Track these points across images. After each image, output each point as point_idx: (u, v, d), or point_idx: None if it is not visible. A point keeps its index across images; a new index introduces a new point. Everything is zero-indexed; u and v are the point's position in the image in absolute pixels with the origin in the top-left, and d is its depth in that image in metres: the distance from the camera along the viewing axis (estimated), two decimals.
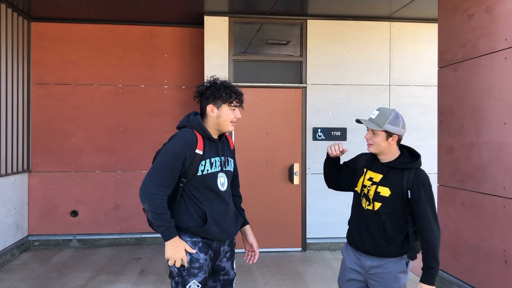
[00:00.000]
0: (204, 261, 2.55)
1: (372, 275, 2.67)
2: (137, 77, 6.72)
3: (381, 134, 2.61)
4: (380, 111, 2.66)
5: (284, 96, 6.40)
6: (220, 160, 2.63)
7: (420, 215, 2.56)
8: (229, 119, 2.61)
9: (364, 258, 2.70)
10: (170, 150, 2.50)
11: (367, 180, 2.69)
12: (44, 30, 6.55)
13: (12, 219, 5.98)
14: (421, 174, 2.62)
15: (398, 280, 2.65)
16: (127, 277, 5.24)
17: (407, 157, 2.69)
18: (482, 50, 4.17)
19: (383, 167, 2.67)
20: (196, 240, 2.54)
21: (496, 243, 3.97)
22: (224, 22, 6.26)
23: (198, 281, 2.53)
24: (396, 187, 2.59)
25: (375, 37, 6.50)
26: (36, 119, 6.55)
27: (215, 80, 2.64)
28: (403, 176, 2.60)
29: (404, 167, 2.62)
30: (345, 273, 2.80)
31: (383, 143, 2.63)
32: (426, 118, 6.54)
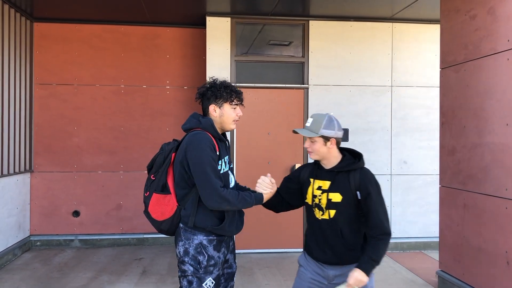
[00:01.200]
0: (218, 258, 2.63)
1: (336, 284, 2.62)
2: (139, 77, 6.73)
3: (318, 140, 2.62)
4: (313, 118, 2.66)
5: (286, 97, 6.40)
6: (227, 160, 2.73)
7: (371, 213, 2.53)
8: (231, 117, 2.70)
9: (326, 268, 2.66)
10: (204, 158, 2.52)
11: (316, 189, 2.67)
12: (47, 30, 6.56)
13: (14, 219, 5.99)
14: (367, 173, 2.61)
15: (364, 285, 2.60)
16: (128, 277, 5.24)
17: (350, 158, 2.68)
18: (485, 51, 4.16)
19: (329, 173, 2.65)
20: (211, 238, 2.60)
21: (498, 244, 3.96)
22: (226, 23, 6.26)
23: (213, 278, 2.60)
24: (346, 191, 2.58)
25: (377, 38, 6.50)
26: (38, 119, 6.56)
27: (214, 81, 2.71)
28: (350, 178, 2.59)
29: (349, 169, 2.61)
30: (304, 284, 2.72)
31: (322, 149, 2.62)
32: (428, 119, 6.53)
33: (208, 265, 2.58)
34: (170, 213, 2.64)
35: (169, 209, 2.64)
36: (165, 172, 2.66)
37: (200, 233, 2.59)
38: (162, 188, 2.65)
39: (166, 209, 2.64)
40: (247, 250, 6.31)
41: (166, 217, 2.64)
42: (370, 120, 6.44)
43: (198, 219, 2.58)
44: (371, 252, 2.49)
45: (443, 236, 4.87)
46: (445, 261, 4.85)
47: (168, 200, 2.64)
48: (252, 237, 6.31)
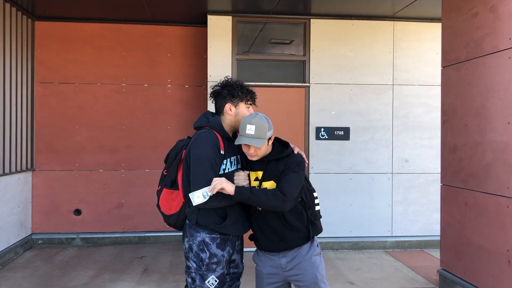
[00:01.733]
0: (222, 256, 2.63)
1: (290, 270, 2.70)
2: (141, 76, 6.73)
3: (264, 145, 2.59)
4: (255, 124, 2.55)
5: (287, 96, 6.40)
6: (237, 159, 2.72)
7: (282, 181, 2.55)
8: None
9: (277, 257, 2.72)
10: (203, 155, 2.53)
11: (253, 181, 2.69)
12: (48, 29, 6.57)
13: (16, 218, 6.00)
14: (293, 157, 2.66)
15: (314, 264, 2.70)
16: (130, 275, 5.25)
17: (279, 147, 2.74)
18: (486, 49, 4.16)
19: (260, 163, 2.67)
20: (214, 236, 2.62)
21: (499, 243, 3.96)
22: (227, 21, 6.26)
23: (216, 276, 2.62)
24: (277, 177, 2.61)
25: (378, 37, 6.49)
26: (40, 118, 6.57)
27: (229, 80, 2.73)
28: (278, 166, 2.64)
29: (278, 157, 2.65)
30: (262, 281, 2.77)
31: (265, 148, 2.63)
32: (429, 117, 6.53)
33: (211, 262, 2.60)
34: (176, 208, 2.70)
35: (175, 204, 2.70)
36: (176, 168, 2.70)
37: (203, 231, 2.62)
38: (172, 183, 2.71)
39: (173, 204, 2.71)
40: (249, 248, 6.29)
41: (173, 212, 2.71)
42: (372, 119, 6.44)
43: (201, 216, 2.61)
44: (257, 188, 2.56)
45: (444, 234, 4.87)
46: (446, 260, 4.85)
47: (176, 195, 2.70)
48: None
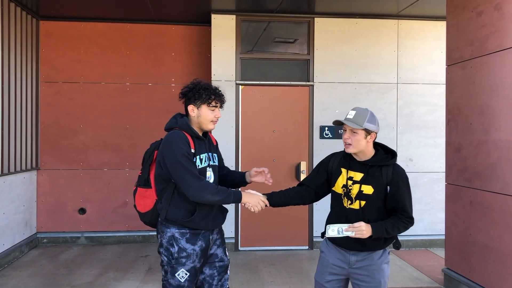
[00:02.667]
0: (192, 251, 2.73)
1: (357, 268, 2.73)
2: (145, 75, 6.74)
3: (360, 132, 2.64)
4: (356, 111, 2.68)
5: (291, 94, 6.39)
6: (208, 156, 2.84)
7: (399, 203, 2.65)
8: (209, 118, 2.81)
9: (348, 254, 2.75)
10: (177, 153, 2.66)
11: (347, 179, 2.74)
12: (53, 28, 6.59)
13: (20, 216, 6.03)
14: (399, 169, 2.71)
15: (382, 271, 2.73)
16: (134, 274, 5.27)
17: (383, 154, 2.75)
18: (491, 48, 4.14)
19: (362, 165, 2.71)
20: (184, 231, 2.74)
21: (505, 241, 3.94)
22: (231, 20, 6.26)
23: (186, 269, 2.73)
24: (378, 184, 2.65)
25: (382, 35, 6.47)
26: (44, 117, 6.59)
27: (198, 82, 2.86)
28: (382, 173, 2.67)
29: (383, 164, 2.68)
30: (325, 270, 2.81)
31: (362, 142, 2.66)
32: (433, 116, 6.51)
33: (180, 256, 2.71)
34: (150, 206, 2.85)
35: (149, 202, 2.85)
36: (148, 168, 2.87)
37: (172, 226, 2.74)
38: (145, 183, 2.87)
39: (147, 202, 2.86)
40: (253, 247, 6.32)
41: (147, 209, 2.87)
42: None
43: (170, 212, 2.73)
44: (389, 224, 2.62)
45: (449, 233, 4.86)
46: (451, 259, 4.83)
47: (149, 193, 2.85)
48: (258, 235, 6.32)
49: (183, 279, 2.72)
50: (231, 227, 6.25)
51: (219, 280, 2.89)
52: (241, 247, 6.31)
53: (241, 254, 6.15)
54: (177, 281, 2.72)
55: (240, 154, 6.29)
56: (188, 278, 2.73)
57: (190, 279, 2.74)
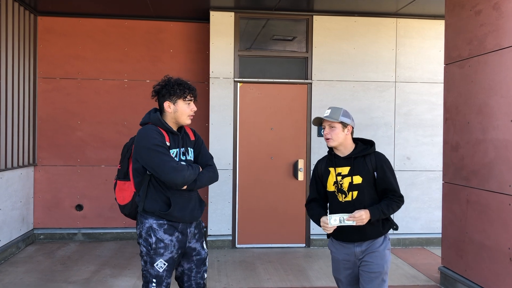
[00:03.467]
0: (170, 241, 2.81)
1: (363, 258, 2.93)
2: (143, 72, 6.73)
3: (338, 126, 2.91)
4: (331, 109, 2.96)
5: (289, 92, 6.39)
6: (179, 151, 2.88)
7: (387, 184, 2.92)
8: (186, 113, 2.89)
9: (352, 246, 2.95)
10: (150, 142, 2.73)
11: (336, 176, 2.96)
12: (51, 24, 6.56)
13: (17, 212, 6.02)
14: (381, 155, 2.99)
15: (385, 257, 2.93)
16: (131, 271, 5.27)
17: (362, 145, 3.01)
18: (490, 47, 4.14)
19: (346, 160, 2.96)
20: (161, 222, 2.81)
21: (501, 240, 3.96)
22: (230, 17, 6.25)
23: (165, 260, 2.81)
24: (365, 173, 2.91)
25: (381, 34, 6.48)
26: (42, 113, 6.58)
27: (169, 79, 2.93)
28: (366, 162, 2.94)
29: (365, 153, 2.95)
30: (339, 266, 3.03)
31: (341, 134, 2.92)
32: (431, 115, 6.52)
33: (158, 247, 2.79)
34: (129, 198, 2.94)
35: (128, 195, 2.94)
36: (127, 161, 2.97)
37: (150, 217, 2.82)
38: (124, 176, 2.97)
39: (126, 194, 2.95)
40: (250, 245, 6.33)
41: (126, 201, 2.96)
42: (373, 116, 6.43)
43: (147, 204, 2.81)
44: (384, 205, 2.86)
45: (446, 232, 4.87)
46: (448, 257, 4.85)
47: (128, 186, 2.94)
48: (255, 232, 6.33)
49: (161, 269, 2.81)
50: (228, 224, 6.26)
51: (198, 272, 2.99)
52: (238, 245, 6.32)
53: (238, 251, 6.16)
54: (155, 271, 2.81)
55: (238, 152, 6.29)
56: (166, 268, 2.82)
57: (168, 269, 2.83)
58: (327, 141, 2.97)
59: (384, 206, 2.85)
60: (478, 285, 4.27)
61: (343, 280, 3.02)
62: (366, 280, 2.90)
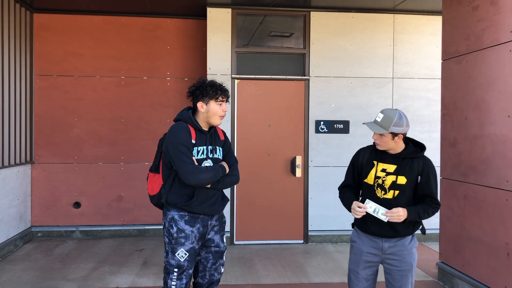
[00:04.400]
0: (190, 232, 2.96)
1: (390, 254, 2.94)
2: (140, 69, 6.71)
3: (387, 135, 2.86)
4: (384, 114, 2.86)
5: (287, 89, 6.38)
6: (207, 149, 3.03)
7: (428, 190, 2.91)
8: (218, 113, 3.03)
9: (381, 241, 2.95)
10: (177, 141, 2.90)
11: (380, 171, 2.94)
12: (47, 21, 6.53)
13: (15, 210, 6.01)
14: (429, 161, 2.97)
15: (413, 255, 2.96)
16: (129, 268, 5.26)
17: (413, 147, 2.98)
18: (487, 42, 4.14)
19: (394, 158, 2.94)
20: (183, 214, 2.98)
21: (498, 236, 3.97)
22: (227, 14, 6.23)
23: (186, 249, 2.95)
24: (410, 175, 2.89)
25: (378, 30, 6.47)
26: (38, 110, 6.55)
27: (203, 81, 3.08)
28: (413, 164, 2.91)
29: (414, 156, 2.93)
30: (360, 258, 3.00)
31: (390, 142, 2.89)
32: (429, 111, 6.52)
33: (179, 237, 2.95)
34: (157, 189, 3.10)
35: (156, 186, 3.11)
36: (159, 155, 3.11)
37: (173, 209, 3.00)
38: (155, 168, 3.12)
39: (155, 186, 3.11)
40: (248, 241, 6.33)
41: (155, 192, 3.12)
42: (371, 112, 6.43)
43: (170, 196, 3.00)
44: (421, 209, 2.86)
45: (444, 227, 4.88)
46: (445, 253, 4.86)
47: (157, 178, 3.11)
48: (253, 229, 6.33)
49: (182, 259, 2.94)
50: (227, 221, 6.26)
51: (214, 263, 3.12)
52: (237, 241, 6.32)
53: (237, 247, 6.16)
54: (177, 261, 2.94)
55: (236, 149, 6.28)
56: (188, 258, 2.95)
57: (189, 259, 2.96)
58: (376, 145, 2.95)
59: (421, 210, 2.85)
60: (475, 280, 4.29)
61: (361, 272, 2.99)
62: (396, 278, 2.93)
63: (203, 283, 3.12)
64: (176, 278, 2.93)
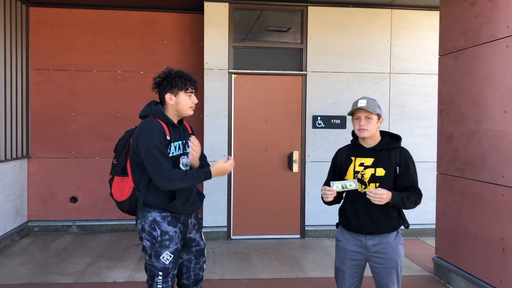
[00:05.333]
0: (174, 233, 2.81)
1: (374, 252, 2.90)
2: (137, 63, 6.68)
3: (374, 118, 2.89)
4: (367, 99, 2.92)
5: (284, 84, 6.38)
6: (182, 144, 2.88)
7: (409, 181, 2.90)
8: (187, 104, 2.87)
9: (364, 239, 2.91)
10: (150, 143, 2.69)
11: (358, 166, 2.93)
12: (43, 15, 6.49)
13: (11, 205, 5.99)
14: (406, 151, 2.97)
15: (398, 252, 2.92)
16: (126, 262, 5.27)
17: (389, 139, 2.99)
18: (484, 38, 4.14)
19: (371, 151, 2.93)
20: (165, 214, 2.80)
21: (494, 231, 3.98)
22: (224, 8, 6.21)
23: (171, 252, 2.80)
24: (388, 166, 2.88)
25: (376, 25, 6.46)
26: (35, 105, 6.53)
27: (170, 71, 2.90)
28: (391, 156, 2.91)
29: (391, 147, 2.93)
30: (345, 257, 2.96)
31: (375, 126, 2.91)
32: (426, 106, 6.53)
33: (163, 239, 2.79)
34: (127, 194, 2.88)
35: (126, 190, 2.89)
36: (125, 156, 2.91)
37: (153, 210, 2.80)
38: (122, 171, 2.91)
39: (124, 190, 2.89)
40: (245, 236, 6.34)
41: (124, 197, 2.89)
42: None
43: (148, 198, 2.79)
44: (404, 195, 2.83)
45: (440, 222, 4.90)
46: (441, 248, 4.88)
47: (126, 181, 2.89)
48: (250, 223, 6.34)
49: (168, 261, 2.80)
50: (223, 216, 6.26)
51: (197, 263, 3.03)
52: (233, 236, 6.33)
53: (233, 242, 6.17)
54: (162, 264, 2.79)
55: (233, 144, 6.28)
56: (172, 260, 2.81)
57: (174, 260, 2.82)
58: (361, 132, 2.91)
59: (405, 196, 2.82)
60: (471, 275, 4.31)
61: (346, 271, 2.95)
62: (381, 275, 2.90)
63: (188, 284, 3.02)
64: (161, 281, 2.80)
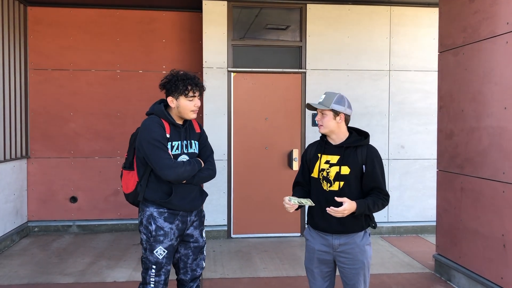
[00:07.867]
0: (169, 229, 2.87)
1: (341, 252, 2.83)
2: (136, 62, 6.67)
3: (329, 113, 2.84)
4: (326, 94, 2.90)
5: (284, 82, 6.36)
6: (182, 144, 2.91)
7: (375, 181, 2.80)
8: (188, 108, 2.89)
9: (331, 238, 2.84)
10: (150, 136, 2.78)
11: (324, 163, 2.87)
12: (41, 15, 6.48)
13: (11, 205, 5.99)
14: (373, 149, 2.88)
15: (365, 253, 2.84)
16: (127, 262, 5.26)
17: (356, 136, 2.92)
18: (483, 34, 4.13)
19: (337, 148, 2.87)
20: (162, 210, 2.87)
21: (494, 227, 3.98)
22: (222, 6, 6.19)
23: (164, 247, 2.87)
24: (354, 164, 2.80)
25: (375, 22, 6.44)
26: (34, 105, 6.51)
27: (175, 73, 2.93)
28: (357, 153, 2.83)
29: (357, 144, 2.85)
30: (313, 256, 2.91)
31: (332, 122, 2.84)
32: (425, 103, 6.52)
33: (157, 234, 2.86)
34: (132, 187, 2.98)
35: (131, 184, 2.99)
36: (132, 151, 2.99)
37: (151, 206, 2.88)
38: (129, 165, 3.00)
39: (129, 184, 3.01)
40: (245, 234, 6.34)
41: (130, 190, 3.01)
42: (368, 105, 6.42)
43: (147, 192, 2.88)
44: (370, 201, 2.75)
45: (440, 219, 4.90)
46: (442, 245, 4.88)
47: (131, 175, 2.99)
48: (250, 222, 6.33)
49: (161, 256, 2.87)
50: (224, 214, 6.26)
51: (194, 259, 3.03)
52: (234, 235, 6.33)
53: (234, 241, 6.16)
54: (155, 258, 2.87)
55: (232, 142, 6.27)
56: (166, 255, 2.87)
57: (167, 256, 2.88)
58: (319, 127, 2.90)
59: (370, 202, 2.74)
60: (472, 272, 4.31)
61: (315, 270, 2.90)
62: (348, 276, 2.83)
63: (186, 279, 3.04)
64: (154, 274, 2.87)
